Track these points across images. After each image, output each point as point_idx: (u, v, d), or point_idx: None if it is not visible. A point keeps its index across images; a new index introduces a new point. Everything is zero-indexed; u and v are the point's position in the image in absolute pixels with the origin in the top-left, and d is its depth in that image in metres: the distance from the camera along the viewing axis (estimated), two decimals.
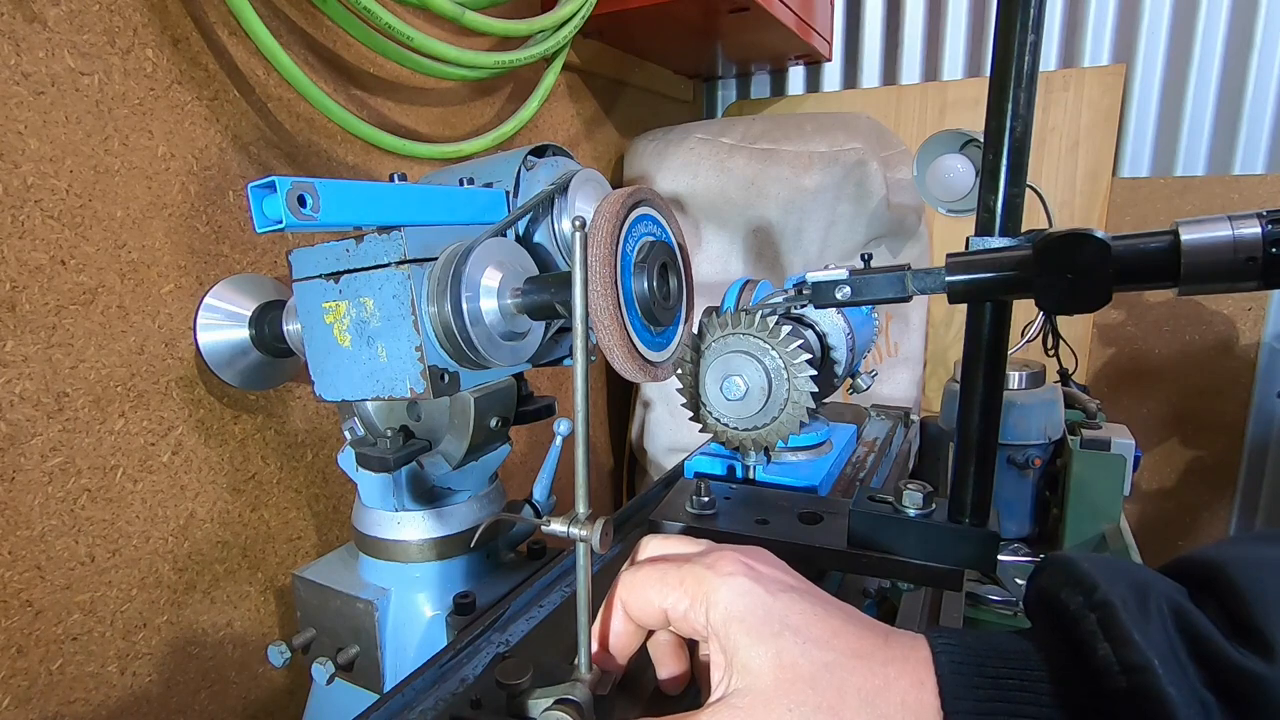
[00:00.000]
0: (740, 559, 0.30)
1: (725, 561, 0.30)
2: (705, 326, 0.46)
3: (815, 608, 0.28)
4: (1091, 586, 0.25)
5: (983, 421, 0.44)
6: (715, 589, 0.29)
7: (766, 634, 0.27)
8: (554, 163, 0.56)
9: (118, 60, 0.61)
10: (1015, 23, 0.39)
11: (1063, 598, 0.26)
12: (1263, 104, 1.30)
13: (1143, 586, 0.25)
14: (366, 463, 0.53)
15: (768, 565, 0.30)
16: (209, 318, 0.66)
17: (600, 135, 1.32)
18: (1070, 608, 0.26)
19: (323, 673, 0.55)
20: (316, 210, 0.40)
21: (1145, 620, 0.24)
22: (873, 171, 1.14)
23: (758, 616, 0.28)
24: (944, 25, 1.47)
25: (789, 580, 0.30)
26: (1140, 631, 0.23)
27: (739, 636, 0.28)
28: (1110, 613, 0.24)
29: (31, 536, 0.58)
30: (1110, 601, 0.24)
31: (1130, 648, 0.23)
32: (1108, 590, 0.25)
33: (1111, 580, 0.25)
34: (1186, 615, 0.24)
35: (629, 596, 0.31)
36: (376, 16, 0.71)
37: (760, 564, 0.30)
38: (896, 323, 1.31)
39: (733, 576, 0.29)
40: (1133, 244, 0.32)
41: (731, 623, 0.28)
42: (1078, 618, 0.25)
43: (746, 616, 0.28)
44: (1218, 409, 1.40)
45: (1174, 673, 0.23)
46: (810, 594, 0.29)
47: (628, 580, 0.31)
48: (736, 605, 0.28)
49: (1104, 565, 0.26)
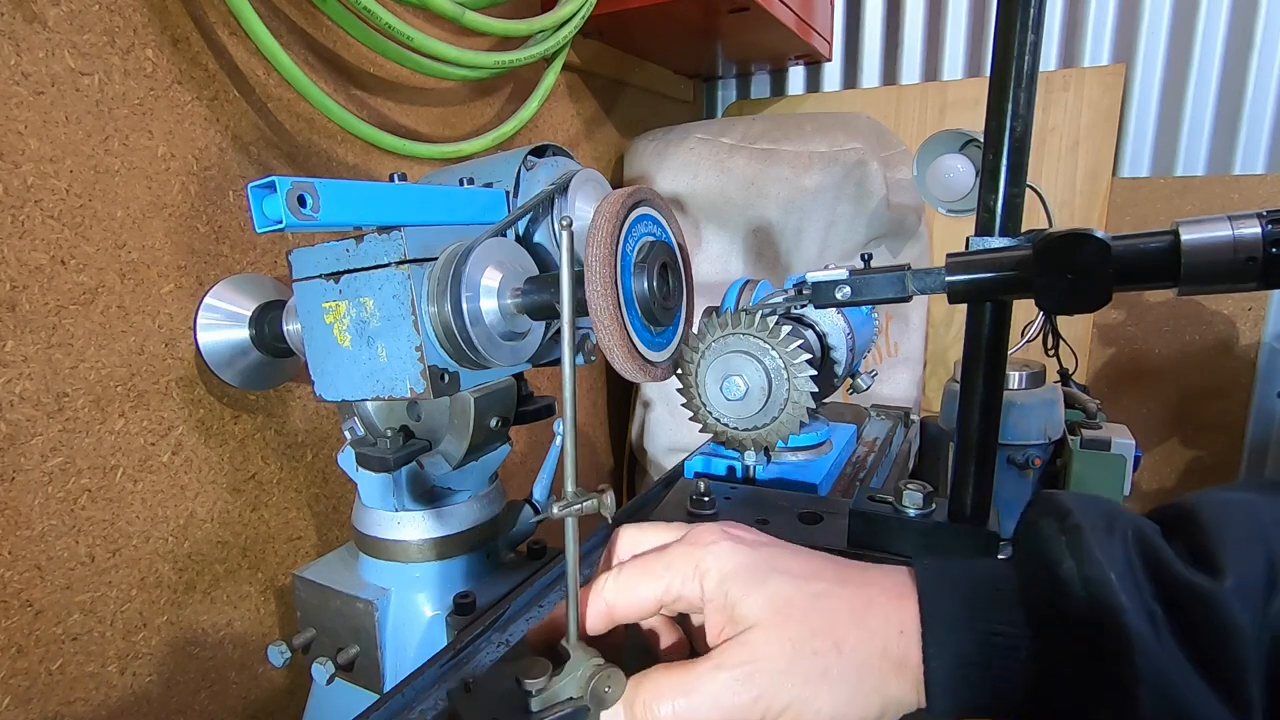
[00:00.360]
0: (717, 528, 0.32)
1: (704, 533, 0.32)
2: (705, 326, 0.45)
3: (797, 553, 0.32)
4: (1065, 513, 0.28)
5: (983, 421, 0.44)
6: (704, 558, 0.31)
7: (757, 581, 0.30)
8: (554, 163, 0.56)
9: (118, 60, 0.61)
10: (1015, 23, 0.39)
11: (1040, 525, 0.29)
12: (1263, 104, 1.30)
13: (1112, 515, 0.28)
14: (366, 463, 0.53)
15: (742, 529, 0.33)
16: (209, 318, 0.66)
17: (600, 135, 1.32)
18: (1045, 532, 0.28)
19: (323, 673, 0.55)
20: (316, 210, 0.40)
21: (1110, 542, 0.26)
22: (873, 171, 1.14)
23: (747, 569, 0.30)
24: (944, 25, 1.47)
25: (765, 539, 0.33)
26: (1102, 550, 0.26)
27: (734, 590, 0.30)
28: (1078, 535, 0.27)
29: (31, 536, 0.58)
30: (1080, 525, 0.27)
31: (1091, 563, 0.26)
32: (1079, 517, 0.27)
33: (1084, 509, 0.28)
34: (1146, 539, 0.27)
35: (618, 599, 0.32)
36: (376, 16, 0.71)
37: (736, 529, 0.33)
38: (896, 323, 1.31)
39: (715, 544, 0.31)
40: (1133, 244, 0.32)
41: (726, 581, 0.30)
42: (1050, 539, 0.28)
43: (738, 571, 0.30)
44: (1218, 409, 1.40)
45: (1128, 585, 0.25)
46: (788, 545, 0.32)
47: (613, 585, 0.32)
48: (727, 564, 0.30)
49: (1083, 499, 0.29)
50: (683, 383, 0.47)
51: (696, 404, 0.47)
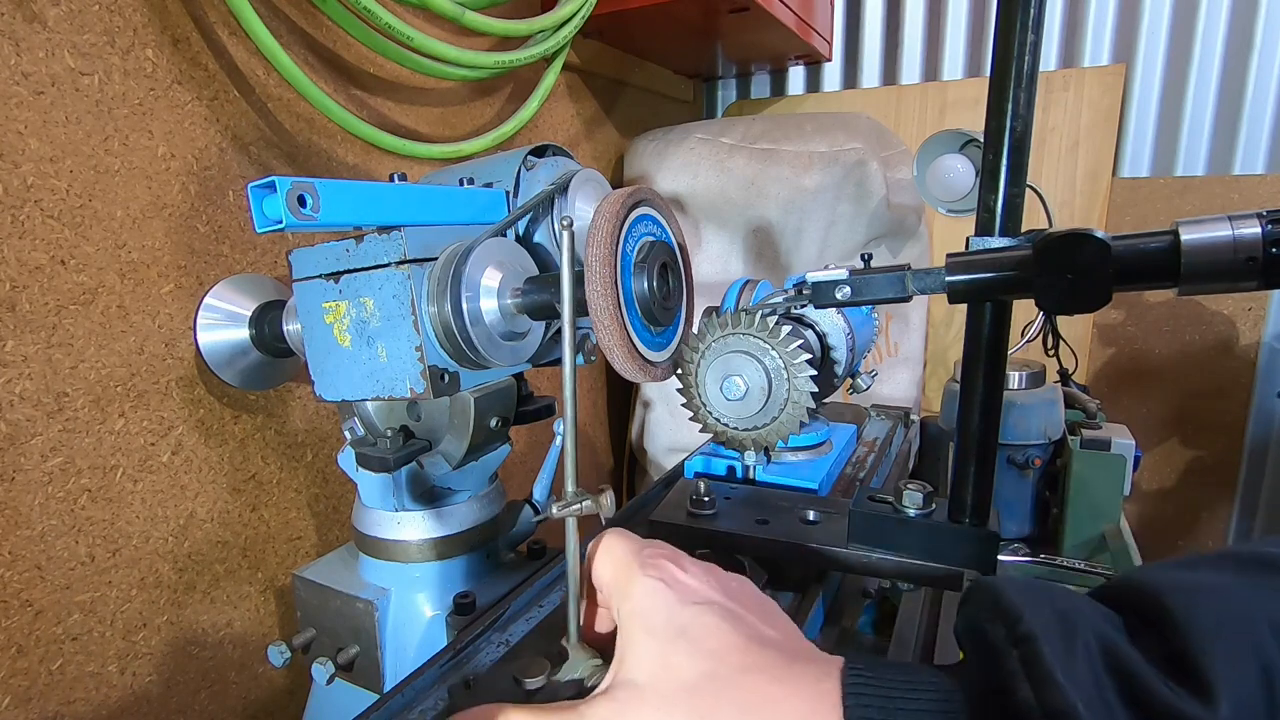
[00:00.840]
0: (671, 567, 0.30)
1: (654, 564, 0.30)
2: (705, 326, 0.46)
3: (721, 623, 0.28)
4: (1015, 618, 0.23)
5: (983, 421, 0.44)
6: (633, 584, 0.29)
7: (661, 637, 0.28)
8: (554, 163, 0.56)
9: (118, 60, 0.61)
10: (1015, 23, 0.39)
11: (986, 630, 0.24)
12: (1263, 104, 1.30)
13: (1070, 618, 0.23)
14: (366, 463, 0.53)
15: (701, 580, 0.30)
16: (209, 318, 0.66)
17: (600, 135, 1.32)
18: (993, 641, 0.24)
19: (323, 673, 0.55)
20: (316, 210, 0.40)
21: (1071, 657, 0.22)
22: (873, 171, 1.14)
23: (659, 619, 0.28)
24: (944, 25, 1.47)
25: (712, 596, 0.29)
26: (1064, 671, 0.21)
27: (636, 632, 0.28)
28: (1033, 649, 0.22)
29: (31, 536, 0.58)
30: (1033, 634, 0.23)
31: (1053, 689, 0.21)
32: (1031, 622, 0.23)
33: (1036, 611, 0.23)
34: (1116, 652, 0.22)
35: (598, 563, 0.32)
36: (376, 16, 0.71)
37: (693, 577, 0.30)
38: (896, 323, 1.31)
39: (650, 578, 0.29)
40: (1133, 244, 0.32)
41: (634, 618, 0.29)
42: (1000, 653, 0.23)
43: (649, 615, 0.28)
44: (1218, 409, 1.40)
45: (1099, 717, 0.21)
46: (726, 612, 0.28)
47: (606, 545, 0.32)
48: (644, 603, 0.29)
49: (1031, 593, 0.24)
50: (683, 383, 0.47)
51: (696, 404, 0.47)
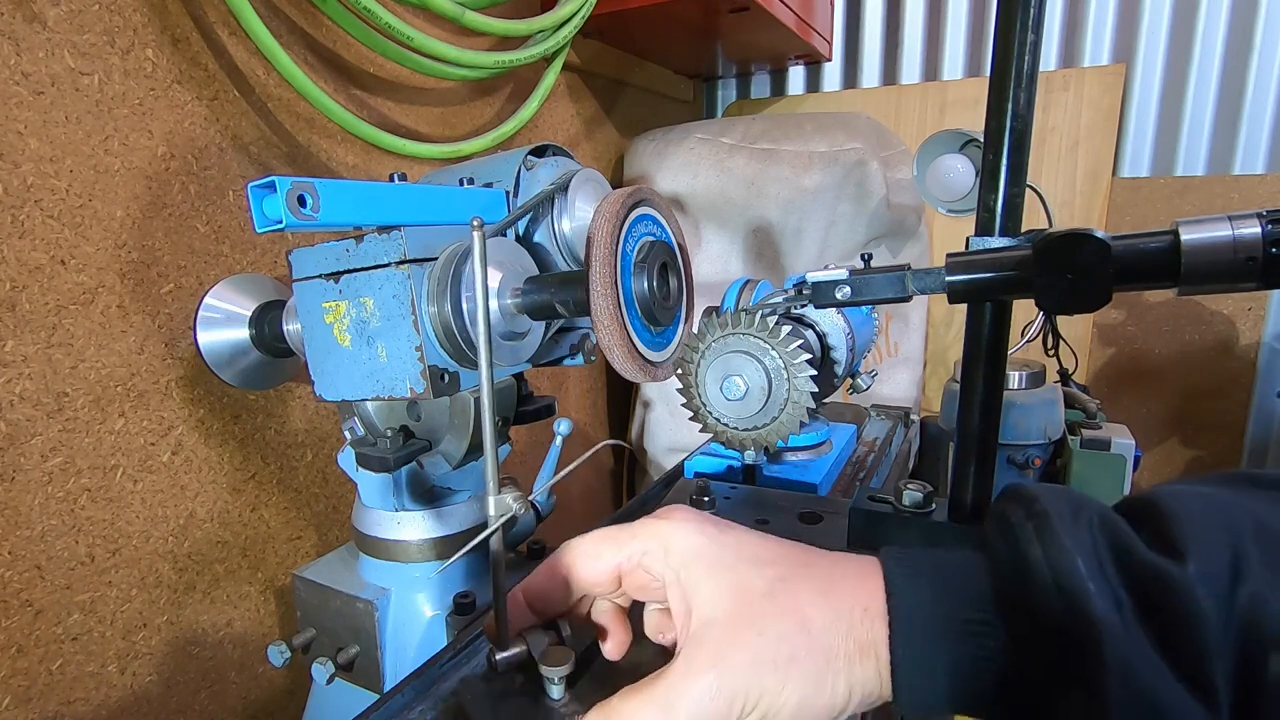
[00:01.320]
0: (688, 510, 0.33)
1: (675, 511, 0.32)
2: (705, 326, 0.45)
3: (764, 539, 0.32)
4: (1032, 500, 0.28)
5: (983, 421, 0.44)
6: (671, 533, 0.31)
7: (723, 565, 0.30)
8: (554, 163, 0.56)
9: (118, 60, 0.61)
10: (1015, 23, 0.39)
11: (1008, 512, 0.28)
12: (1263, 104, 1.30)
13: (1078, 503, 0.27)
14: (366, 463, 0.53)
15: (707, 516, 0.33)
16: (209, 318, 0.66)
17: (600, 135, 1.32)
18: (1012, 519, 0.28)
19: (323, 673, 0.55)
20: (316, 210, 0.40)
21: (1075, 527, 0.26)
22: (873, 171, 1.14)
23: (714, 551, 0.30)
24: (944, 25, 1.47)
25: (730, 524, 0.33)
26: (1069, 536, 0.26)
27: (698, 571, 0.30)
28: (1044, 520, 0.26)
29: (31, 536, 0.58)
30: (1046, 511, 0.27)
31: (1058, 549, 0.25)
32: (1046, 504, 0.27)
33: (1051, 497, 0.28)
34: (1112, 525, 0.27)
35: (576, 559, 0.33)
36: (376, 16, 0.71)
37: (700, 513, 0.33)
38: (896, 323, 1.31)
39: (685, 522, 0.31)
40: (1133, 244, 0.32)
41: (690, 560, 0.30)
42: (1017, 526, 0.27)
43: (704, 552, 0.30)
44: (1218, 409, 1.40)
45: (1093, 569, 0.25)
46: (751, 531, 0.32)
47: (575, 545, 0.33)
48: (693, 542, 0.30)
49: (1051, 488, 0.29)
50: (683, 383, 0.47)
51: (696, 404, 0.47)
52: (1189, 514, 0.26)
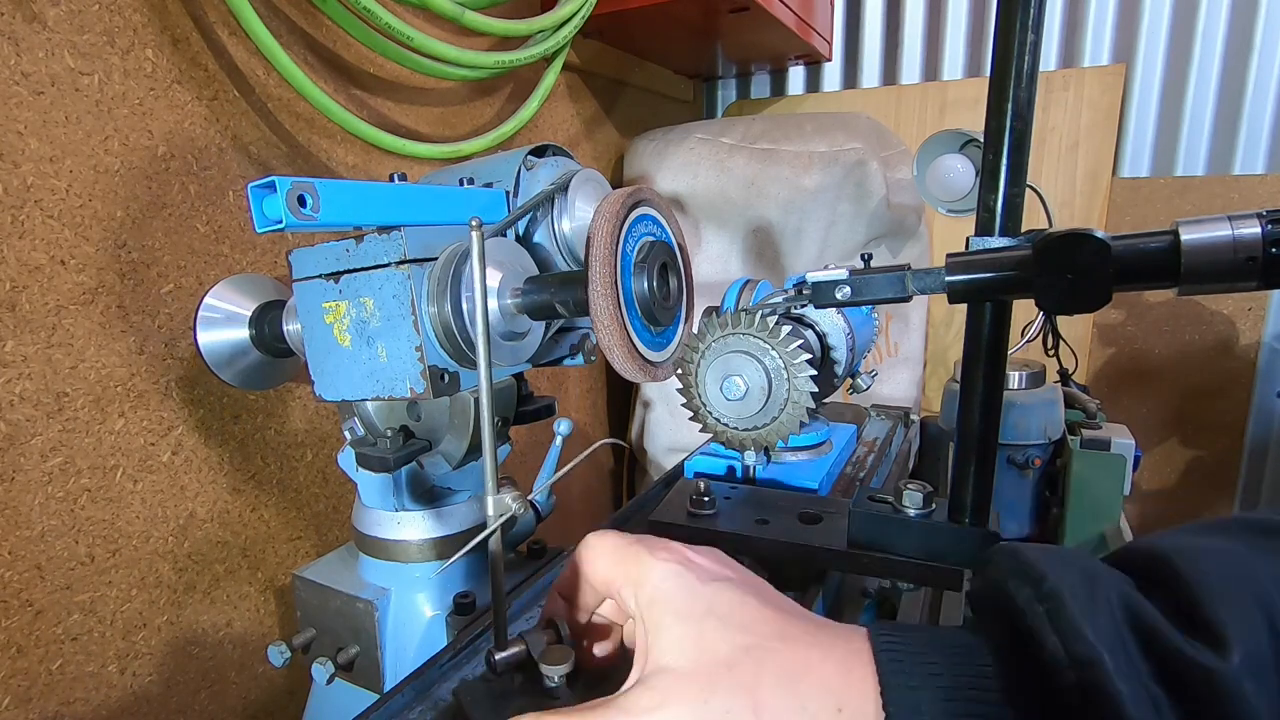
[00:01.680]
0: (680, 548, 0.30)
1: (663, 548, 0.30)
2: (705, 326, 0.45)
3: (745, 596, 0.28)
4: (1039, 577, 0.24)
5: (983, 421, 0.44)
6: (648, 570, 0.29)
7: (689, 617, 0.27)
8: (554, 163, 0.56)
9: (118, 60, 0.61)
10: (1015, 23, 0.39)
11: (1010, 589, 0.25)
12: (1263, 104, 1.30)
13: (1091, 577, 0.24)
14: (366, 463, 0.53)
15: (709, 559, 0.31)
16: (209, 318, 0.66)
17: (600, 135, 1.32)
18: (1017, 599, 0.24)
19: (323, 673, 0.55)
20: (316, 210, 0.40)
21: (1094, 611, 0.23)
22: (873, 171, 1.14)
23: (683, 599, 0.28)
24: (944, 25, 1.47)
25: (726, 573, 0.30)
26: (1090, 623, 0.23)
27: (662, 617, 0.28)
28: (1059, 604, 0.23)
29: (31, 536, 0.58)
30: (1059, 592, 0.24)
31: (1079, 640, 0.22)
32: (1056, 581, 0.24)
33: (1060, 571, 0.24)
34: (1136, 607, 0.23)
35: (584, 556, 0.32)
36: (376, 16, 0.71)
37: (701, 557, 0.30)
38: (896, 323, 1.31)
39: (666, 562, 0.29)
40: (1133, 244, 0.32)
41: (657, 603, 0.28)
42: (1025, 609, 0.24)
43: (672, 598, 0.28)
44: (1218, 409, 1.40)
45: (1123, 666, 0.22)
46: (745, 585, 0.29)
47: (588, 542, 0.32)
48: (664, 586, 0.28)
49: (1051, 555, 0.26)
50: (683, 383, 0.47)
51: (696, 404, 0.47)
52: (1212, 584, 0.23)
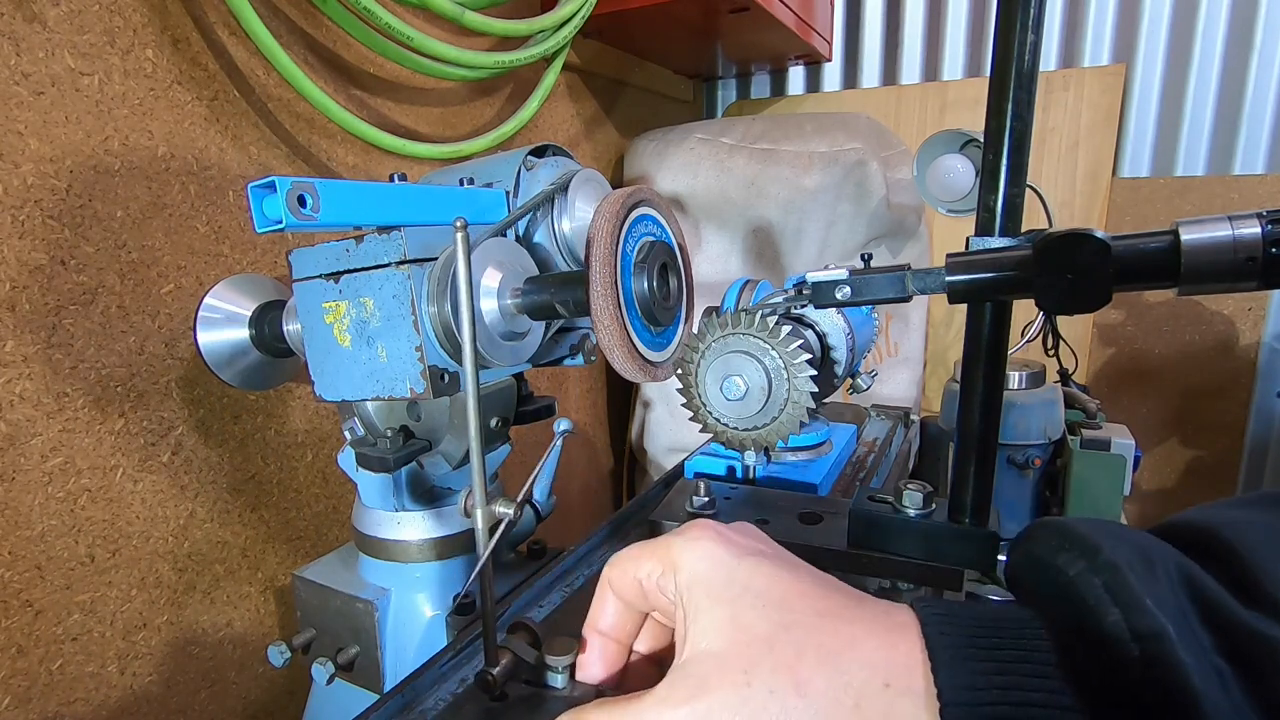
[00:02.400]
0: (711, 526, 0.30)
1: (694, 529, 0.29)
2: (705, 326, 0.45)
3: (781, 571, 0.27)
4: (1094, 549, 0.23)
5: (983, 421, 0.44)
6: (681, 553, 0.28)
7: (725, 597, 0.27)
8: (554, 163, 0.56)
9: (118, 60, 0.61)
10: (1015, 23, 0.39)
11: (1060, 562, 0.24)
12: (1263, 104, 1.30)
13: (1145, 549, 0.23)
14: (366, 463, 0.53)
15: (742, 535, 0.30)
16: (209, 318, 0.66)
17: (600, 135, 1.32)
18: (1070, 572, 0.24)
19: (323, 673, 0.55)
20: (316, 210, 0.40)
21: (1154, 583, 0.22)
22: (873, 171, 1.14)
23: (719, 579, 0.27)
24: (944, 25, 1.47)
25: (761, 547, 0.29)
26: (1152, 596, 0.22)
27: (699, 599, 0.27)
28: (1118, 576, 0.22)
29: (31, 536, 0.58)
30: (1117, 564, 0.23)
31: (1142, 613, 0.21)
32: (1112, 553, 0.23)
33: (1113, 543, 0.24)
34: (1195, 579, 0.23)
35: (613, 573, 0.31)
36: (376, 16, 0.71)
37: (734, 533, 0.30)
38: (896, 323, 1.31)
39: (698, 541, 0.28)
40: (1133, 244, 0.32)
41: (694, 585, 0.27)
42: (1080, 582, 0.23)
43: (709, 578, 0.27)
44: (1218, 409, 1.40)
45: (1187, 639, 0.21)
46: (781, 560, 0.28)
47: (613, 559, 0.31)
48: (699, 568, 0.28)
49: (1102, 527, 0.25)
50: (683, 383, 0.47)
51: (696, 404, 0.47)
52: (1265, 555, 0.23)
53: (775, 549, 0.30)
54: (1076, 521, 0.25)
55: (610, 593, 0.31)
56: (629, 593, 0.31)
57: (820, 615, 0.26)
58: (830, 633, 0.25)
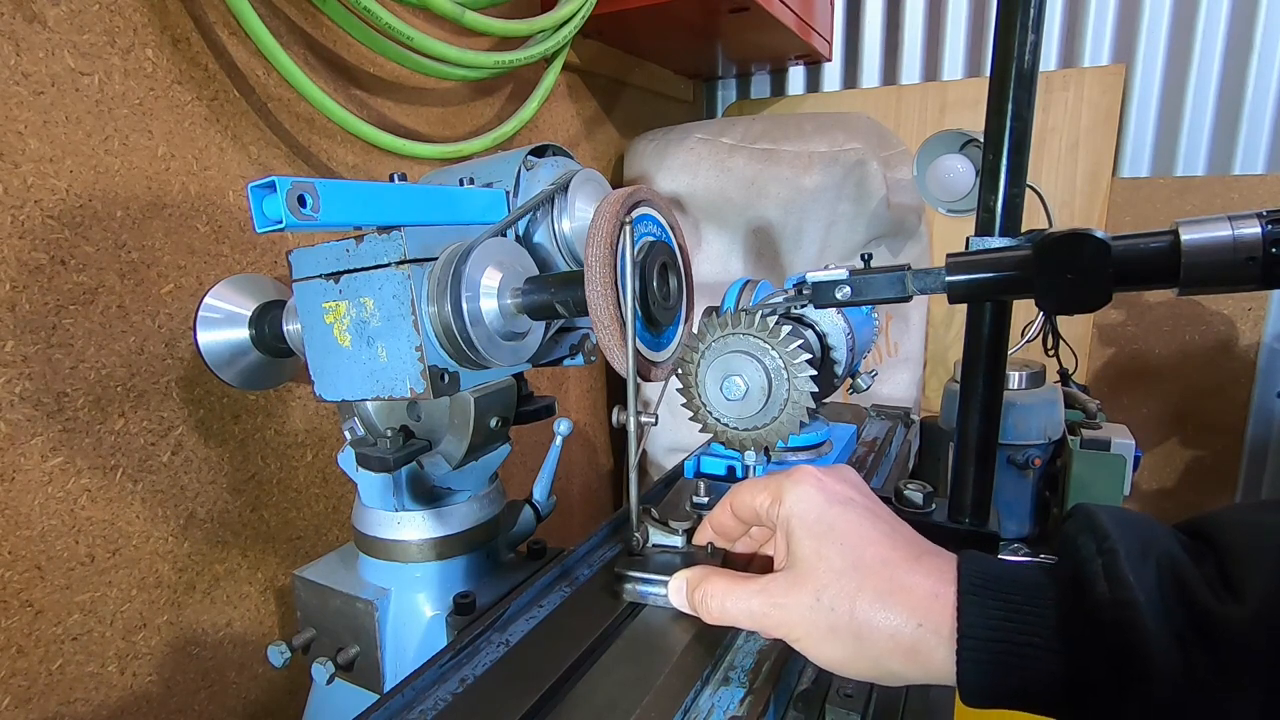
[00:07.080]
0: (815, 473, 0.37)
1: (801, 473, 0.37)
2: (705, 326, 0.45)
3: (863, 520, 0.35)
4: (1104, 535, 0.30)
5: (983, 421, 0.44)
6: (787, 492, 0.37)
7: (815, 533, 0.35)
8: (554, 163, 0.56)
9: (118, 60, 0.61)
10: (1015, 23, 0.39)
11: (1079, 542, 0.31)
12: (1263, 104, 1.30)
13: (1146, 539, 0.29)
14: (366, 463, 0.53)
15: (839, 482, 0.37)
16: (209, 318, 0.66)
17: (600, 135, 1.32)
18: (1083, 551, 0.30)
19: (323, 673, 0.55)
20: (316, 210, 0.40)
21: (1143, 567, 0.28)
22: (873, 171, 1.14)
23: (812, 518, 0.35)
24: (944, 25, 1.47)
25: (853, 495, 0.37)
26: (1135, 575, 0.28)
27: (796, 530, 0.35)
28: (1114, 559, 0.28)
29: (31, 536, 0.58)
30: (1116, 549, 0.29)
31: (1124, 587, 0.27)
32: (1117, 540, 0.29)
33: (1121, 531, 0.30)
34: (1178, 566, 0.28)
35: (735, 498, 0.41)
36: (376, 16, 0.71)
37: (832, 479, 0.37)
38: (896, 323, 1.31)
39: (801, 484, 0.37)
40: (1133, 244, 0.32)
41: (792, 519, 0.36)
42: (1087, 560, 0.29)
43: (805, 516, 0.36)
44: (1218, 409, 1.40)
45: (1156, 610, 0.27)
46: (865, 509, 0.36)
47: (736, 488, 0.41)
48: (798, 507, 0.36)
49: (1120, 518, 0.31)
50: (683, 383, 0.47)
51: (696, 404, 0.47)
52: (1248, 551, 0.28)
53: (865, 495, 0.37)
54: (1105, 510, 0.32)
55: (730, 507, 0.42)
56: (744, 512, 0.40)
57: (884, 563, 0.33)
58: (887, 578, 0.33)
